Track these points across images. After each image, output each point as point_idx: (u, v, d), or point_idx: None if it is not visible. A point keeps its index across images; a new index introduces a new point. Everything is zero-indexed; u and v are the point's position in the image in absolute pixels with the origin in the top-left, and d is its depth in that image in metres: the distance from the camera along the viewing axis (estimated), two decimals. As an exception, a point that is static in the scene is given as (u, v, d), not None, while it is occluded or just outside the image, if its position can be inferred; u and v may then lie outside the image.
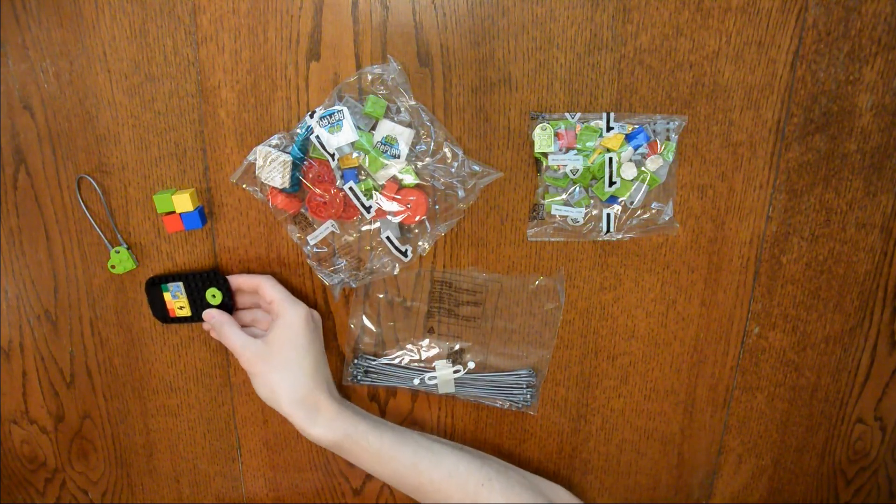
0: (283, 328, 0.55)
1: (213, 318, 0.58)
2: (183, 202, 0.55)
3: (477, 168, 0.56)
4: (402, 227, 0.58)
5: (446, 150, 0.55)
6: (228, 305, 0.59)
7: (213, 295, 0.58)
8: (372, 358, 0.63)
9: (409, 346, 0.63)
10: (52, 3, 0.53)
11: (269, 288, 0.56)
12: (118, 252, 0.59)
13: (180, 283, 0.59)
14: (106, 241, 0.59)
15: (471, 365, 0.63)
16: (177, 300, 0.59)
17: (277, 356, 0.54)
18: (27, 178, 0.58)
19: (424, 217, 0.57)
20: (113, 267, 0.59)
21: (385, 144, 0.54)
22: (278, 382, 0.54)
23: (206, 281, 0.58)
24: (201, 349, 0.63)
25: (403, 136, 0.54)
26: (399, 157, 0.54)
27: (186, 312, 0.59)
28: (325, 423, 0.55)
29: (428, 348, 0.63)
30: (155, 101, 0.55)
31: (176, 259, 0.60)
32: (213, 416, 0.66)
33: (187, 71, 0.55)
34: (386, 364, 0.63)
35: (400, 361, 0.63)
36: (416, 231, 0.58)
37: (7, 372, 0.64)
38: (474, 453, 0.61)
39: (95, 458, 0.68)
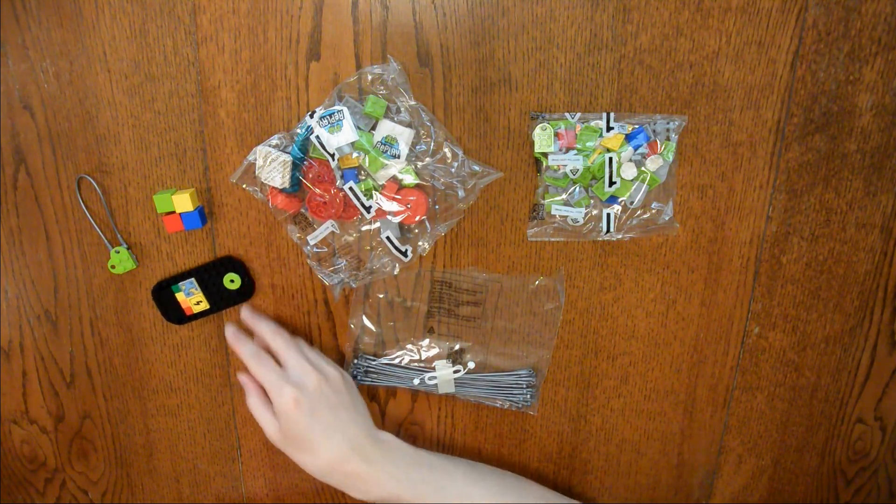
0: (279, 416, 0.54)
1: (243, 384, 0.57)
2: (183, 202, 0.55)
3: (477, 168, 0.56)
4: (402, 227, 0.58)
5: (446, 150, 0.55)
6: (250, 287, 0.59)
7: (232, 280, 0.58)
8: (372, 358, 0.63)
9: (409, 346, 0.63)
10: (52, 3, 0.53)
11: (256, 369, 0.55)
12: (118, 252, 0.59)
13: (192, 280, 0.59)
14: (106, 241, 0.59)
15: (471, 365, 0.63)
16: (192, 297, 0.59)
17: (289, 439, 0.54)
18: (27, 178, 0.58)
19: (424, 217, 0.57)
20: (113, 267, 0.59)
21: (385, 144, 0.54)
22: (302, 462, 0.54)
23: (220, 269, 0.58)
24: (201, 349, 0.63)
25: (403, 136, 0.54)
26: (399, 157, 0.54)
27: (205, 306, 0.60)
28: (359, 488, 0.54)
29: (428, 348, 0.63)
30: (155, 101, 0.55)
31: (176, 259, 0.60)
32: (213, 416, 0.66)
33: (187, 71, 0.55)
34: (386, 364, 0.63)
35: (400, 361, 0.63)
36: (416, 231, 0.58)
37: (7, 372, 0.64)
38: (508, 488, 0.59)
39: (95, 458, 0.68)
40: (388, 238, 0.57)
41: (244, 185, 0.57)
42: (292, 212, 0.57)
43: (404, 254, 0.58)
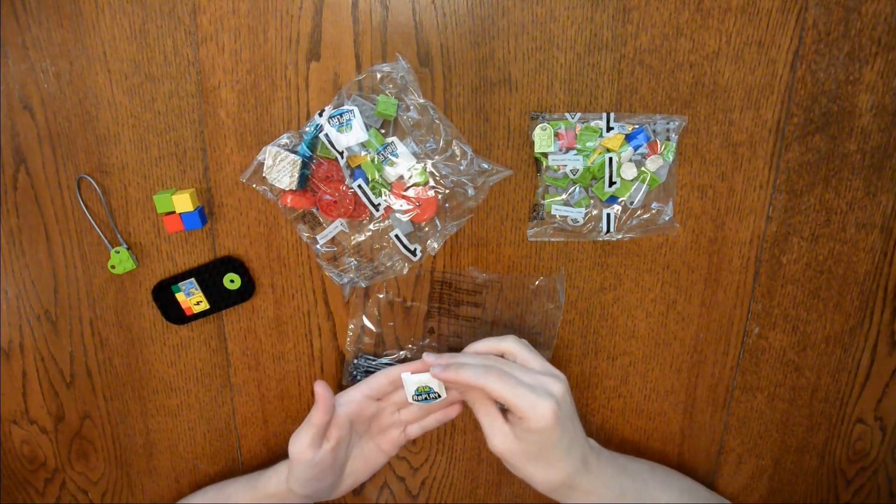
0: (530, 431, 0.48)
1: (467, 395, 0.52)
2: (183, 202, 0.55)
3: (486, 166, 0.56)
4: (414, 226, 0.58)
5: (455, 148, 0.55)
6: (250, 287, 0.59)
7: (232, 280, 0.58)
8: (372, 358, 0.63)
9: (410, 346, 0.63)
10: (52, 3, 0.53)
11: (498, 383, 0.48)
12: (118, 252, 0.59)
13: (192, 280, 0.59)
14: (106, 241, 0.59)
15: (471, 365, 0.63)
16: (192, 297, 0.59)
17: (530, 453, 0.50)
18: (27, 178, 0.58)
19: (434, 216, 0.57)
20: (113, 267, 0.59)
21: (385, 148, 0.54)
22: (534, 475, 0.51)
23: (221, 269, 0.59)
24: (201, 349, 0.63)
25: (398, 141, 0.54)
26: (398, 157, 0.54)
27: (205, 306, 0.60)
28: (578, 499, 0.53)
29: (428, 348, 0.63)
30: (155, 101, 0.55)
31: (176, 259, 0.60)
32: (213, 416, 0.66)
33: (187, 71, 0.55)
34: (386, 364, 0.63)
35: (400, 361, 0.63)
36: (427, 230, 0.58)
37: (7, 372, 0.64)
38: None
39: (95, 458, 0.68)
40: (396, 237, 0.57)
41: (254, 185, 0.57)
42: (302, 210, 0.57)
43: (413, 253, 0.58)
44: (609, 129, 0.55)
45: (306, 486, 0.55)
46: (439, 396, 0.55)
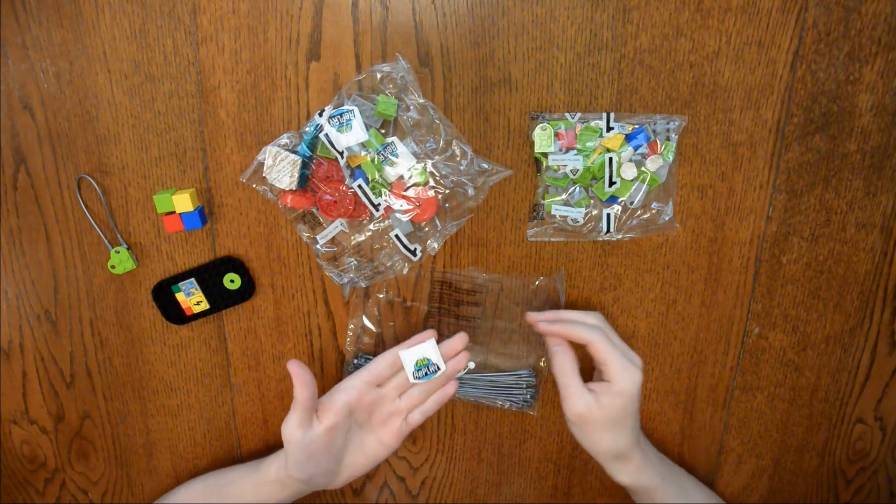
0: (616, 395, 0.52)
1: (555, 358, 0.54)
2: (183, 202, 0.55)
3: (486, 166, 0.56)
4: (414, 226, 0.58)
5: (455, 148, 0.55)
6: (250, 287, 0.59)
7: (232, 280, 0.58)
8: (372, 358, 0.63)
9: (409, 346, 0.63)
10: (52, 3, 0.53)
11: (608, 347, 0.52)
12: (118, 252, 0.59)
13: (192, 280, 0.59)
14: (106, 241, 0.59)
15: (471, 365, 0.62)
16: (192, 297, 0.59)
17: (605, 418, 0.53)
18: (27, 178, 0.58)
19: (434, 216, 0.57)
20: (113, 267, 0.59)
21: (385, 148, 0.54)
22: (599, 441, 0.54)
23: (221, 269, 0.59)
24: (201, 349, 0.63)
25: (398, 141, 0.54)
26: (398, 157, 0.54)
27: (205, 306, 0.60)
28: (627, 472, 0.56)
29: (428, 348, 0.63)
30: (155, 101, 0.55)
31: (176, 259, 0.60)
32: (213, 416, 0.66)
33: (187, 71, 0.55)
34: (386, 364, 0.63)
35: (400, 361, 0.63)
36: (427, 230, 0.58)
37: (7, 372, 0.64)
38: None
39: (95, 458, 0.68)
40: (396, 237, 0.57)
41: (254, 185, 0.57)
42: (302, 210, 0.57)
43: (413, 252, 0.58)
44: (609, 129, 0.55)
45: (301, 469, 0.55)
46: (439, 369, 0.55)
